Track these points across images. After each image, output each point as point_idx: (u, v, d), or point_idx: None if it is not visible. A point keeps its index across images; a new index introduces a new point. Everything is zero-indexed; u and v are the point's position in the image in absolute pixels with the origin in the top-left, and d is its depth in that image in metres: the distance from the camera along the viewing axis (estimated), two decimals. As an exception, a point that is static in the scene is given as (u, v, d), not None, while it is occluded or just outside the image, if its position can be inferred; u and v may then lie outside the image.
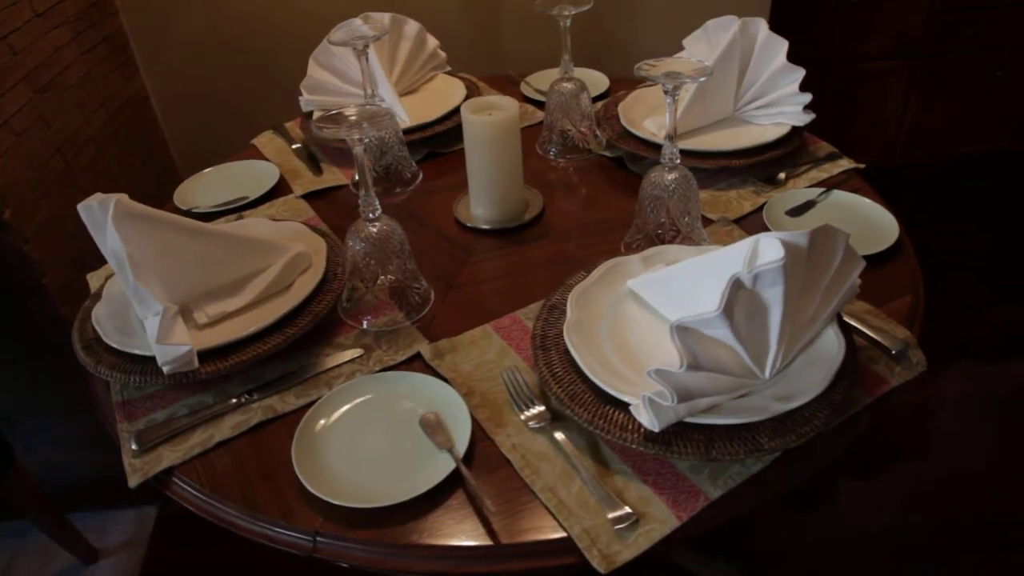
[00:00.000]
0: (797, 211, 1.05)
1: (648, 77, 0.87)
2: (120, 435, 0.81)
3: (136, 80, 1.80)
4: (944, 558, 1.48)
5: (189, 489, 0.76)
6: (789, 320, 0.71)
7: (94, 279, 1.07)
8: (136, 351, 0.84)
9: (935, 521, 1.54)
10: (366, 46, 1.10)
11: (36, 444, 1.56)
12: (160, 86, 1.86)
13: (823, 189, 1.08)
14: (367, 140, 0.83)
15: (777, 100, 1.18)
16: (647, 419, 0.68)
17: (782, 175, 1.13)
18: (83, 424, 1.54)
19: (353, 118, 0.81)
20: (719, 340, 0.68)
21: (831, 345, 0.76)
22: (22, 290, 1.36)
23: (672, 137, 0.92)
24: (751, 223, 1.04)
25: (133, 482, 0.77)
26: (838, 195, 1.07)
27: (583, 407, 0.74)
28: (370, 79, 1.33)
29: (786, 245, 0.67)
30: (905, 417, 1.75)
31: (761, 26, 1.17)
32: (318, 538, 0.70)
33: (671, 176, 0.94)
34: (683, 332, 0.66)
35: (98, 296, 0.95)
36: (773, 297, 0.68)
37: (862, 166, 1.15)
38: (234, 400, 0.83)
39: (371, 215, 0.88)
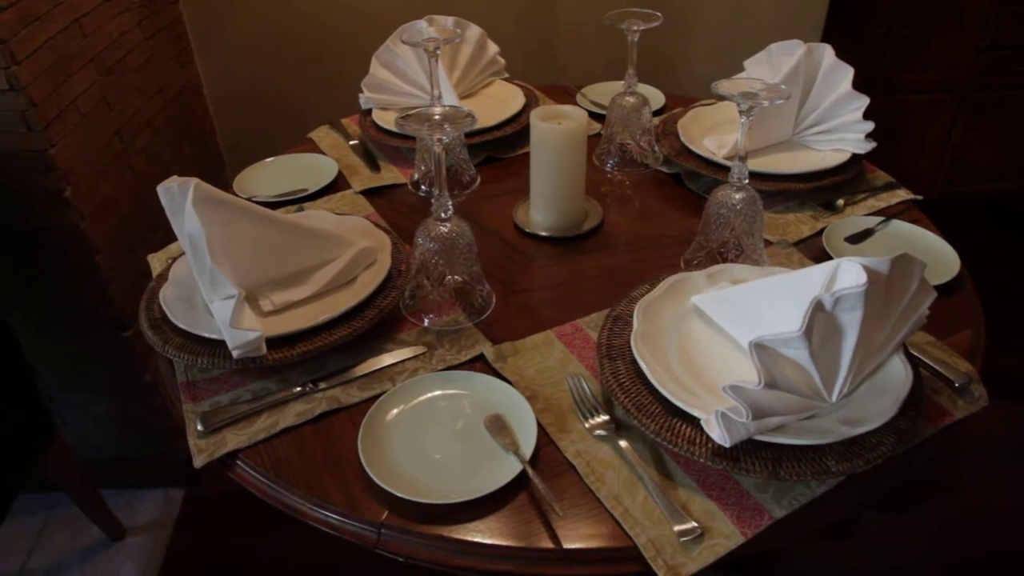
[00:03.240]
0: (857, 238, 1.05)
1: (725, 96, 0.88)
2: (185, 415, 0.82)
3: (191, 68, 1.83)
4: (971, 596, 1.47)
5: (254, 474, 0.77)
6: (862, 346, 0.71)
7: (155, 260, 1.08)
8: (204, 333, 0.86)
9: (963, 558, 1.53)
10: (437, 48, 1.11)
11: (73, 420, 1.58)
12: (212, 76, 1.89)
13: (882, 218, 1.08)
14: (447, 141, 0.84)
15: (839, 127, 1.18)
16: (718, 434, 0.68)
17: (840, 201, 1.13)
18: (120, 403, 1.56)
19: (436, 118, 0.82)
20: (793, 360, 0.69)
21: (898, 373, 0.77)
22: (76, 268, 1.38)
23: (743, 157, 0.93)
24: (809, 247, 1.05)
25: (199, 462, 0.78)
26: (897, 225, 1.07)
27: (650, 418, 0.74)
28: (421, 81, 1.35)
29: (868, 271, 0.67)
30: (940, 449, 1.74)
31: (827, 52, 1.18)
32: (383, 530, 0.70)
33: (739, 196, 0.94)
34: (761, 350, 0.67)
35: (164, 277, 0.96)
36: (850, 322, 0.68)
37: (920, 197, 1.15)
38: (298, 389, 0.84)
39: (443, 215, 0.90)
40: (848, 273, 0.69)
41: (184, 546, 1.60)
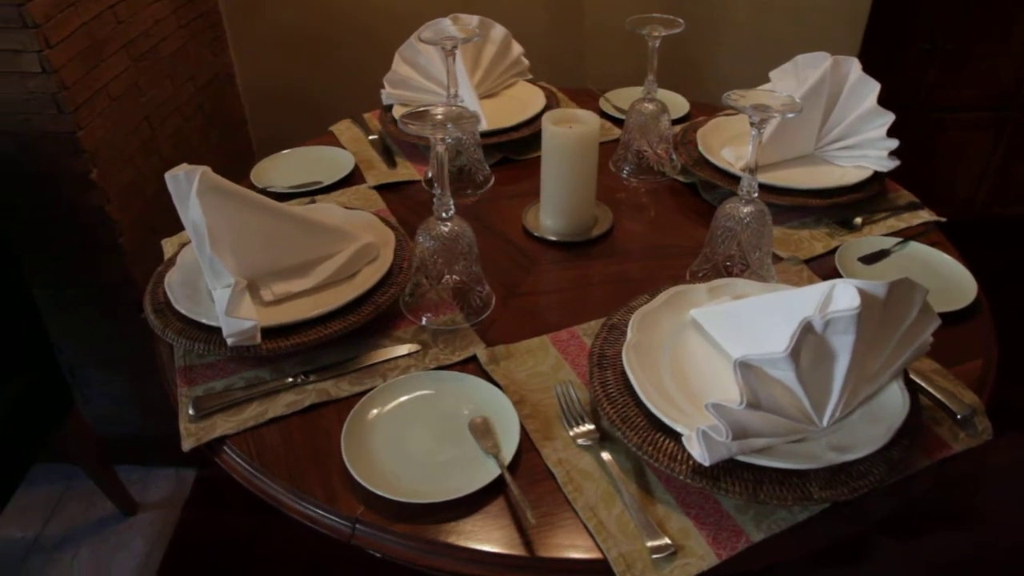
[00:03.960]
0: (871, 259, 1.02)
1: (735, 107, 0.87)
2: (179, 399, 0.84)
3: (225, 57, 1.86)
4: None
5: (239, 460, 0.78)
6: (856, 370, 0.69)
7: (168, 245, 1.10)
8: (203, 320, 0.87)
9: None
10: (455, 47, 1.11)
11: (93, 396, 1.62)
12: (246, 66, 1.92)
13: (900, 239, 1.05)
14: (450, 140, 0.84)
15: (862, 143, 1.15)
16: (698, 452, 0.67)
17: (858, 220, 1.10)
18: (138, 383, 1.59)
19: (439, 117, 0.82)
20: (781, 382, 0.67)
21: (895, 401, 0.74)
22: (100, 248, 1.42)
23: (753, 170, 0.91)
24: (821, 265, 1.02)
25: (187, 445, 0.79)
26: (915, 247, 1.04)
27: (634, 431, 0.73)
28: (443, 79, 1.35)
29: (863, 294, 0.65)
30: (954, 479, 1.69)
31: (854, 65, 1.15)
32: (357, 525, 0.71)
33: (747, 209, 0.93)
34: (746, 369, 0.66)
35: (172, 262, 0.98)
36: (842, 345, 0.66)
37: (943, 219, 1.11)
38: (290, 379, 0.85)
39: (444, 214, 0.90)
40: (843, 295, 0.67)
41: (192, 525, 1.63)
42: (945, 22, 2.05)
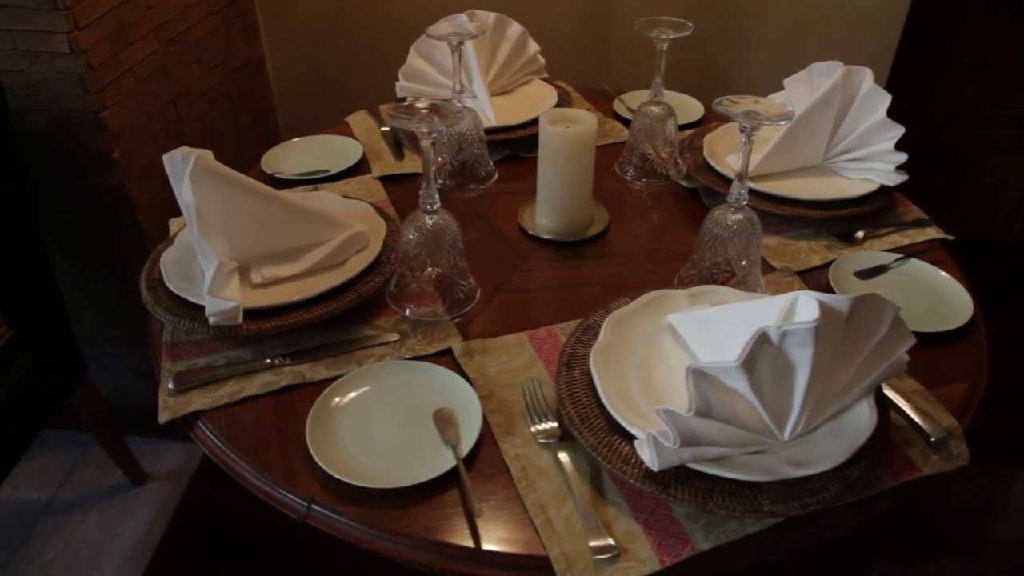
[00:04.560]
0: (868, 274, 1.00)
1: (726, 114, 0.86)
2: (162, 373, 0.87)
3: (256, 45, 1.90)
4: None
5: (210, 435, 0.80)
6: (817, 384, 0.68)
7: (174, 224, 1.13)
8: (191, 298, 0.90)
9: (976, 625, 1.44)
10: (461, 42, 1.12)
11: (110, 367, 1.68)
12: (277, 54, 1.96)
13: (900, 255, 1.02)
14: (435, 135, 0.85)
15: (870, 155, 1.13)
16: (648, 456, 0.67)
17: (860, 233, 1.08)
18: (152, 357, 1.64)
19: (424, 111, 0.83)
20: (737, 391, 0.67)
21: (862, 418, 0.73)
22: (120, 226, 1.47)
23: (742, 177, 0.90)
24: (815, 277, 1.01)
25: (162, 418, 0.82)
26: (915, 264, 1.01)
27: (592, 432, 0.73)
28: (462, 74, 1.36)
29: (823, 308, 0.64)
30: (964, 509, 1.63)
31: (866, 76, 1.12)
32: (312, 505, 0.72)
33: (735, 217, 0.92)
34: (700, 377, 0.65)
35: (171, 241, 1.01)
36: (801, 358, 0.66)
37: (950, 237, 1.08)
38: (268, 360, 0.87)
39: (429, 207, 0.91)
40: (804, 308, 0.67)
41: (197, 498, 1.68)
42: (990, 36, 1.99)
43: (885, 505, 0.73)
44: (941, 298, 0.96)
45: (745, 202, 0.91)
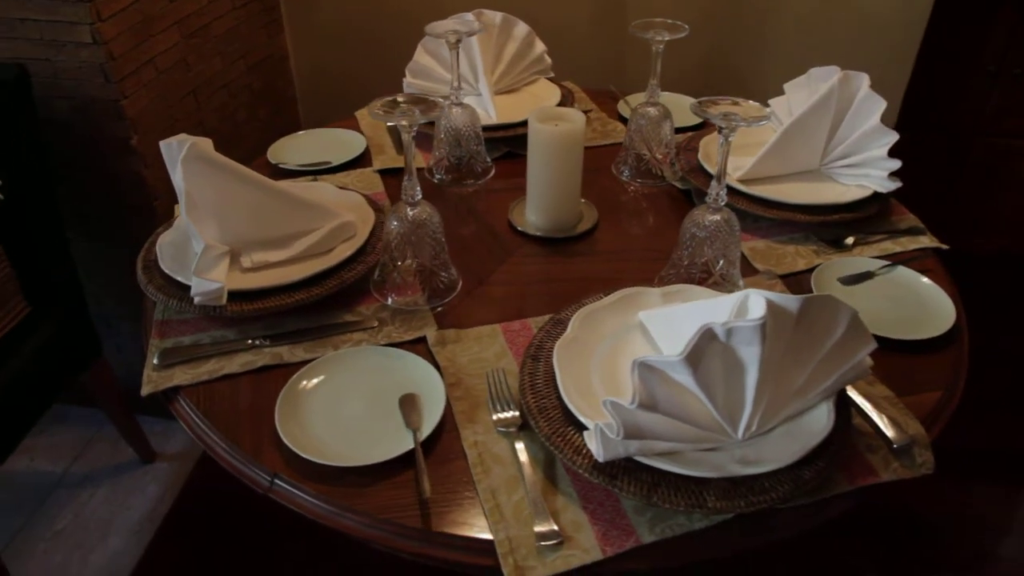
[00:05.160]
0: (852, 280, 1.00)
1: (703, 115, 0.86)
2: (149, 348, 0.90)
3: (280, 40, 1.95)
4: None
5: (187, 409, 0.83)
6: (770, 383, 0.69)
7: (178, 209, 1.17)
8: (181, 279, 0.93)
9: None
10: (459, 40, 1.14)
11: (125, 347, 1.74)
12: (301, 49, 2.01)
13: (888, 263, 1.02)
14: (415, 129, 0.87)
15: (865, 161, 1.12)
16: (595, 447, 0.68)
17: (850, 240, 1.07)
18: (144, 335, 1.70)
19: (404, 106, 0.86)
20: (685, 387, 0.67)
21: (819, 421, 0.73)
22: (136, 210, 1.52)
23: (720, 178, 0.90)
24: (798, 282, 1.00)
25: (145, 391, 0.85)
26: (901, 271, 1.00)
27: (548, 422, 0.75)
28: (463, 71, 1.38)
29: (771, 306, 0.65)
30: (960, 527, 1.60)
31: (863, 82, 1.12)
32: (276, 480, 0.75)
33: (713, 217, 0.92)
34: (645, 370, 0.66)
35: (170, 224, 1.05)
36: (749, 356, 0.66)
37: (944, 247, 1.07)
38: (250, 341, 0.90)
39: (411, 199, 0.93)
40: (755, 306, 0.67)
41: (203, 479, 1.72)
42: (1018, 46, 1.94)
43: (841, 508, 0.73)
44: (924, 306, 0.95)
45: (723, 203, 0.91)
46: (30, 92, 1.32)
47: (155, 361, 0.88)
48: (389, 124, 1.15)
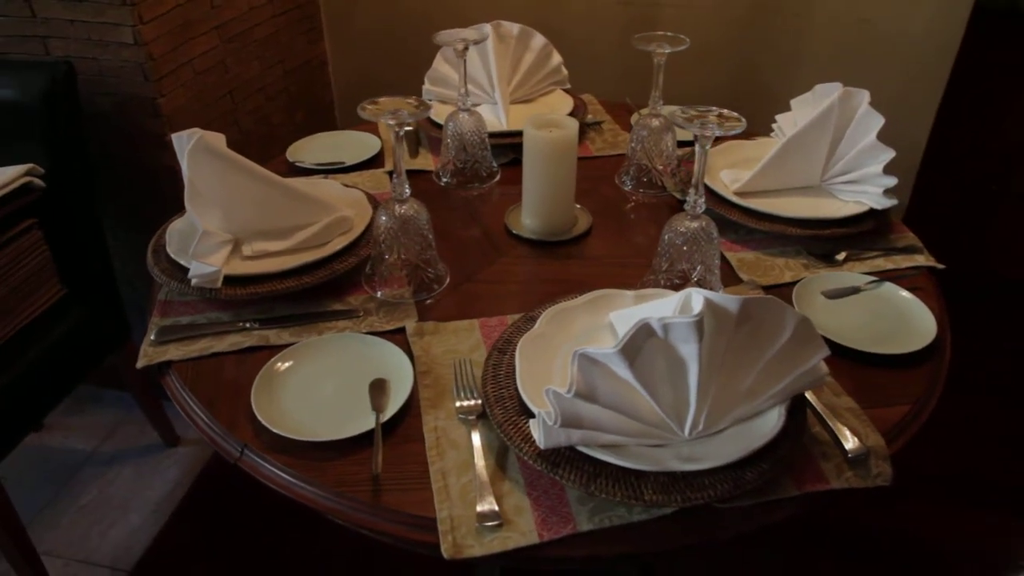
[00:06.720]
0: (837, 294, 0.99)
1: (680, 125, 0.88)
2: (149, 326, 0.97)
3: (319, 46, 2.03)
4: None
5: (176, 383, 0.89)
6: (713, 382, 0.70)
7: (198, 201, 1.24)
8: (183, 262, 0.99)
9: None
10: (465, 48, 1.18)
11: (156, 333, 1.83)
12: (339, 56, 2.09)
13: (875, 279, 1.01)
14: (402, 129, 0.91)
15: (863, 178, 1.12)
16: (537, 434, 0.70)
17: (842, 255, 1.07)
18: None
19: (391, 107, 0.90)
20: (626, 381, 0.69)
21: (769, 424, 0.74)
22: (169, 204, 1.59)
23: (697, 186, 0.92)
24: (781, 293, 1.01)
25: (140, 364, 0.91)
26: (888, 288, 1.00)
27: (503, 411, 0.77)
28: (481, 80, 1.43)
29: (710, 305, 0.66)
30: (959, 550, 1.55)
31: (864, 98, 1.12)
32: (245, 451, 0.80)
33: (691, 224, 0.93)
34: (586, 362, 0.68)
35: (182, 213, 1.12)
36: (689, 353, 0.68)
37: (940, 266, 1.06)
38: (241, 324, 0.95)
39: (400, 196, 0.97)
40: (696, 304, 0.68)
41: (220, 466, 1.80)
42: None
43: (787, 513, 0.73)
44: (904, 322, 0.94)
45: (701, 210, 0.93)
46: (75, 87, 1.42)
47: (152, 337, 0.94)
48: (377, 121, 1.20)
